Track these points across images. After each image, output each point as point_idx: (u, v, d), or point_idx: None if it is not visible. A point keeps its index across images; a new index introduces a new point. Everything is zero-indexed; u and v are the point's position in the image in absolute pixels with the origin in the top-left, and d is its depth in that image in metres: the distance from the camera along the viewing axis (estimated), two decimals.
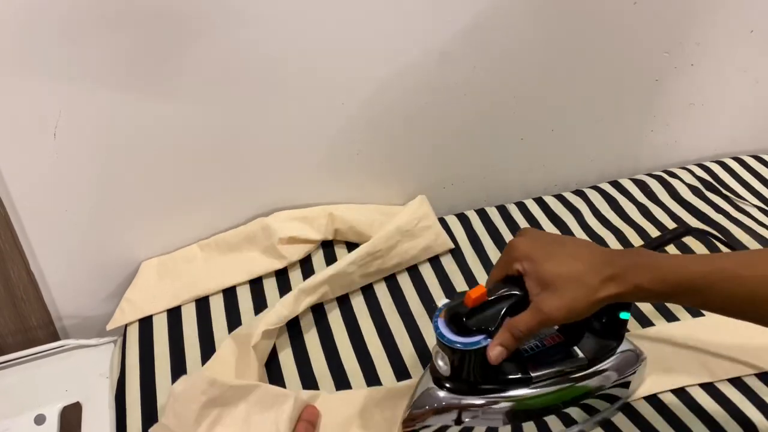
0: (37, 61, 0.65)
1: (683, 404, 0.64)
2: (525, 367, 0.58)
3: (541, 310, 0.52)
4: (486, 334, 0.54)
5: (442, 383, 0.58)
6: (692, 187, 0.94)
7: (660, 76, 0.91)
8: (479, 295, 0.54)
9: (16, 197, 0.72)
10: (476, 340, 0.54)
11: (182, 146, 0.76)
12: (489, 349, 0.54)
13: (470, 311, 0.54)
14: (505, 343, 0.54)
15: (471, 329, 0.54)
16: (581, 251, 0.54)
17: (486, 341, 0.54)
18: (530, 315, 0.53)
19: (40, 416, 0.68)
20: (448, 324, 0.55)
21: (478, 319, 0.54)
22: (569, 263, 0.53)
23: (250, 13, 0.69)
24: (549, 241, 0.56)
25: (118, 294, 0.81)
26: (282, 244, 0.80)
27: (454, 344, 0.54)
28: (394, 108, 0.82)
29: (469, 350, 0.54)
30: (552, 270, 0.52)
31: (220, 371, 0.67)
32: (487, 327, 0.54)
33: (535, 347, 0.60)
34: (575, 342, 0.60)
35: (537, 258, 0.54)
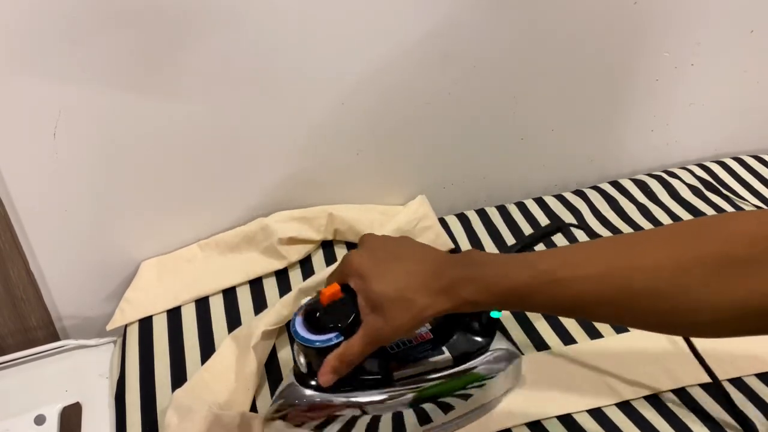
0: (37, 61, 0.65)
1: (683, 404, 0.64)
2: (388, 365, 0.58)
3: (369, 334, 0.52)
4: (339, 332, 0.53)
5: (304, 380, 0.57)
6: (692, 187, 0.94)
7: (660, 76, 0.91)
8: (333, 292, 0.54)
9: (16, 197, 0.72)
10: (328, 337, 0.53)
11: (182, 146, 0.76)
12: (319, 375, 0.54)
13: (324, 309, 0.54)
14: (337, 370, 0.53)
15: (325, 327, 0.54)
16: (411, 265, 0.53)
17: (338, 339, 0.53)
18: (359, 340, 0.52)
19: (40, 416, 0.68)
20: (305, 321, 0.55)
21: (331, 316, 0.54)
22: (397, 280, 0.51)
23: (249, 13, 0.69)
24: (382, 256, 0.54)
25: (118, 294, 0.81)
26: (282, 244, 0.80)
27: (307, 342, 0.54)
28: (394, 108, 0.82)
29: (322, 348, 0.53)
30: (379, 290, 0.51)
31: (219, 371, 0.67)
32: (340, 325, 0.53)
33: (402, 345, 0.59)
34: (444, 340, 0.59)
35: (367, 275, 0.52)
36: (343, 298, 0.54)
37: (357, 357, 0.53)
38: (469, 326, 0.60)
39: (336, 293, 0.54)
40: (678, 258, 0.44)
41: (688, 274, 0.43)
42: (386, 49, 0.76)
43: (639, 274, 0.45)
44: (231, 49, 0.71)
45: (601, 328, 0.72)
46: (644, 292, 0.45)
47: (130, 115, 0.71)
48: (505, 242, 0.86)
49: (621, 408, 0.64)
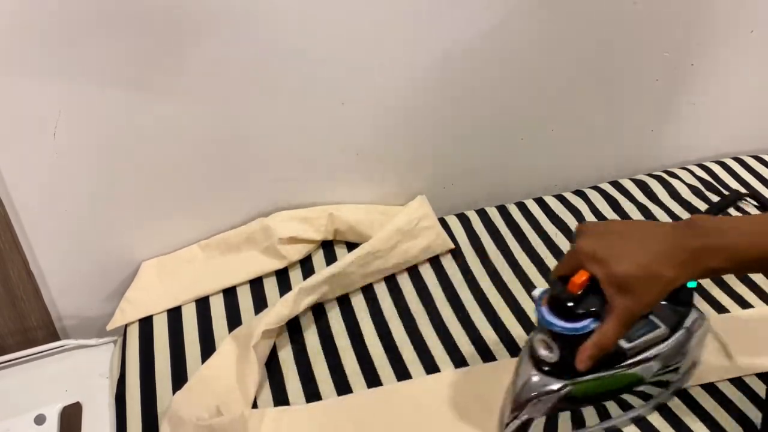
0: (37, 61, 0.65)
1: (683, 404, 0.64)
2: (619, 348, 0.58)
3: (621, 316, 0.53)
4: (594, 317, 0.54)
5: (547, 370, 0.58)
6: (692, 187, 0.94)
7: (660, 76, 0.91)
8: (584, 280, 0.54)
9: (16, 197, 0.72)
10: (586, 323, 0.54)
11: (182, 146, 0.76)
12: (578, 362, 0.55)
13: (573, 297, 0.55)
14: (594, 355, 0.55)
15: (577, 314, 0.54)
16: (647, 241, 0.53)
17: (595, 323, 0.54)
18: (614, 323, 0.53)
19: (40, 416, 0.68)
20: (552, 309, 0.56)
21: (585, 303, 0.54)
22: (639, 258, 0.52)
23: (249, 14, 0.69)
24: (613, 238, 0.55)
25: (118, 294, 0.81)
26: (282, 244, 0.80)
27: (565, 330, 0.55)
28: (394, 108, 0.82)
29: (578, 335, 0.54)
30: (624, 271, 0.52)
31: (220, 371, 0.67)
32: (595, 310, 0.54)
33: None
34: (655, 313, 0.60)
35: (605, 259, 0.53)
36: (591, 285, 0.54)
37: (613, 341, 0.54)
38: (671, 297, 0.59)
39: (586, 280, 0.54)
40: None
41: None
42: (386, 50, 0.76)
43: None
44: (231, 50, 0.71)
45: None
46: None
47: (130, 115, 0.71)
48: (506, 242, 0.86)
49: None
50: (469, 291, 0.78)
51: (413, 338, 0.73)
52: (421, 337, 0.73)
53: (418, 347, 0.72)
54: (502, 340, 0.72)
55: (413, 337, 0.73)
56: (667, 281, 0.51)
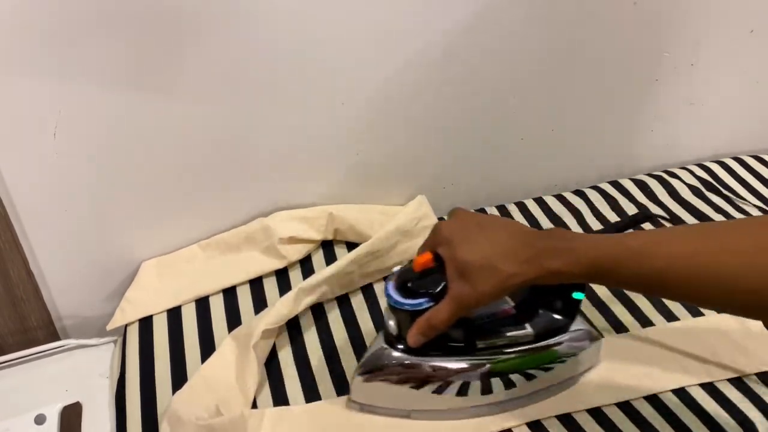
0: (37, 61, 0.65)
1: (683, 404, 0.64)
2: (472, 335, 0.61)
3: (454, 300, 0.55)
4: (430, 298, 0.56)
5: (393, 344, 0.60)
6: (692, 187, 0.94)
7: (660, 76, 0.91)
8: (426, 260, 0.57)
9: (16, 197, 0.72)
10: (419, 302, 0.56)
11: (182, 146, 0.76)
12: (408, 336, 0.58)
13: (417, 275, 0.57)
14: (424, 331, 0.57)
15: (417, 292, 0.57)
16: (499, 235, 0.55)
17: (429, 303, 0.56)
18: (446, 305, 0.55)
19: (40, 416, 0.68)
20: (398, 287, 0.58)
21: (423, 282, 0.57)
22: (484, 249, 0.54)
23: (249, 14, 0.69)
24: (471, 225, 0.57)
25: (118, 294, 0.81)
26: (282, 244, 0.80)
27: (400, 305, 0.57)
28: (394, 108, 0.82)
29: (413, 311, 0.57)
30: (466, 257, 0.54)
31: (219, 371, 0.67)
32: (431, 290, 0.56)
33: (486, 317, 0.62)
34: (527, 316, 0.62)
35: (455, 243, 0.55)
36: (434, 266, 0.57)
37: (444, 321, 0.55)
38: (552, 305, 0.62)
39: (428, 261, 0.57)
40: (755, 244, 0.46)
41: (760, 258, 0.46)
42: (386, 49, 0.76)
43: (726, 256, 0.47)
44: (231, 50, 0.71)
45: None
46: (730, 273, 0.47)
47: (130, 115, 0.71)
48: None
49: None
50: None
51: None
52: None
53: None
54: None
55: None
56: (506, 276, 0.52)
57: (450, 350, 0.61)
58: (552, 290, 0.61)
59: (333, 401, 0.66)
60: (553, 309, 0.62)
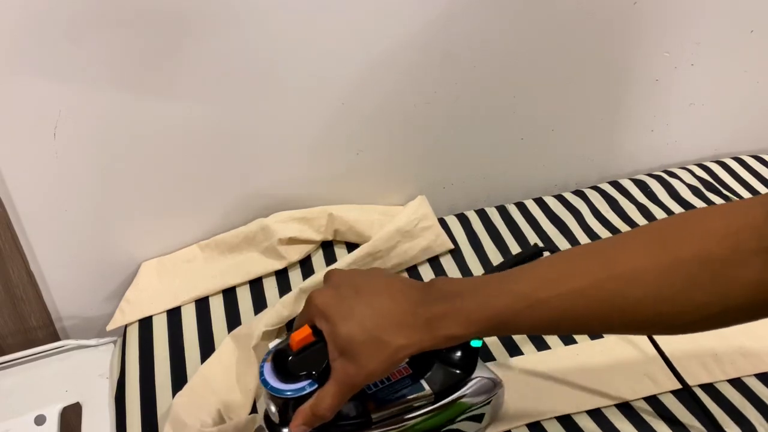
0: (37, 61, 0.65)
1: (682, 405, 0.64)
2: (366, 406, 0.54)
3: (340, 382, 0.48)
4: (312, 380, 0.49)
5: (275, 430, 0.53)
6: (692, 187, 0.94)
7: (660, 76, 0.91)
8: (304, 336, 0.50)
9: (16, 197, 0.72)
10: (301, 386, 0.49)
11: (182, 146, 0.76)
12: (291, 428, 0.50)
13: (295, 354, 0.50)
14: (310, 422, 0.50)
15: (297, 374, 0.50)
16: (380, 301, 0.49)
17: (312, 387, 0.49)
18: (331, 390, 0.49)
19: (40, 417, 0.68)
20: (274, 368, 0.51)
21: (303, 362, 0.50)
22: (365, 321, 0.48)
23: (249, 14, 0.69)
24: (347, 292, 0.50)
25: (118, 294, 0.81)
26: (282, 245, 0.80)
27: (278, 393, 0.50)
28: (394, 108, 0.82)
29: (294, 398, 0.50)
30: (348, 333, 0.47)
31: (219, 371, 0.67)
32: (313, 371, 0.49)
33: (379, 383, 0.56)
34: (423, 373, 0.57)
35: (333, 317, 0.48)
36: (314, 342, 0.50)
37: (330, 409, 0.49)
38: (448, 358, 0.58)
39: (307, 337, 0.50)
40: (658, 263, 0.44)
41: (671, 278, 0.43)
42: (386, 49, 0.76)
43: (620, 284, 0.45)
44: (231, 50, 0.71)
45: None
46: (628, 301, 0.44)
47: (130, 115, 0.71)
48: (505, 242, 0.86)
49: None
50: None
51: None
52: None
53: None
54: (501, 340, 0.72)
55: None
56: (394, 348, 0.47)
57: (344, 429, 0.54)
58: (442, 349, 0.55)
59: None
60: (450, 361, 0.57)
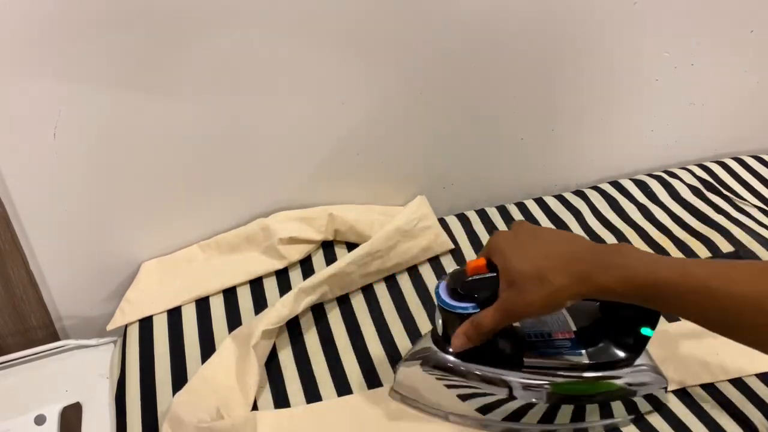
0: (37, 61, 0.65)
1: (683, 404, 0.64)
2: (521, 350, 0.59)
3: (502, 307, 0.54)
4: (476, 303, 0.55)
5: (440, 343, 0.60)
6: (692, 187, 0.94)
7: (660, 76, 0.91)
8: (478, 265, 0.56)
9: (16, 197, 0.72)
10: (465, 305, 0.56)
11: (182, 147, 0.76)
12: (453, 337, 0.57)
13: (467, 279, 0.56)
14: (469, 335, 0.56)
15: (466, 296, 0.56)
16: (555, 247, 0.54)
17: (475, 309, 0.55)
18: (493, 311, 0.54)
19: (40, 417, 0.68)
20: (449, 288, 0.57)
21: (472, 286, 0.56)
22: (537, 260, 0.52)
23: (249, 14, 0.69)
24: (527, 236, 0.56)
25: (118, 294, 0.81)
26: (282, 245, 0.80)
27: (446, 305, 0.56)
28: (393, 108, 0.82)
29: (458, 314, 0.56)
30: (518, 267, 0.53)
31: (220, 371, 0.67)
32: (478, 295, 0.55)
33: (539, 335, 0.60)
34: (586, 343, 0.60)
35: (508, 254, 0.54)
36: (488, 273, 0.56)
37: (489, 327, 0.54)
38: (617, 339, 0.60)
39: (481, 267, 0.56)
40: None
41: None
42: (386, 49, 0.76)
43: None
44: (230, 49, 0.70)
45: None
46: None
47: (130, 115, 0.71)
48: None
49: None
50: None
51: (413, 338, 0.73)
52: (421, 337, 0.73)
53: None
54: None
55: (413, 337, 0.73)
56: (554, 288, 0.51)
57: (497, 361, 0.59)
58: (620, 320, 0.58)
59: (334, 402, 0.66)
60: (616, 341, 0.59)
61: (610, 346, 0.59)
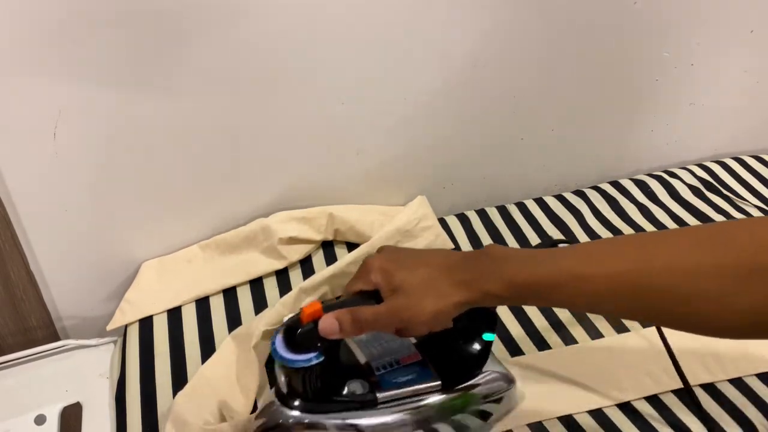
0: (37, 61, 0.65)
1: (683, 404, 0.64)
2: (373, 386, 0.56)
3: (389, 307, 0.52)
4: (319, 352, 0.52)
5: (285, 400, 0.55)
6: (692, 187, 0.94)
7: (660, 76, 0.91)
8: (314, 310, 0.52)
9: (16, 197, 0.72)
10: (307, 357, 0.52)
11: (182, 147, 0.76)
12: (322, 319, 0.52)
13: (306, 328, 0.52)
14: (342, 320, 0.52)
15: (306, 346, 0.52)
16: (434, 259, 0.54)
17: (318, 359, 0.52)
18: (379, 308, 0.52)
19: (40, 416, 0.68)
20: (285, 340, 0.53)
21: (312, 335, 0.52)
22: (421, 271, 0.52)
23: (250, 13, 0.69)
24: (404, 255, 0.56)
25: (118, 294, 0.81)
26: (282, 245, 0.80)
27: (287, 362, 0.52)
28: (393, 108, 0.82)
29: (302, 368, 0.52)
30: (404, 278, 0.52)
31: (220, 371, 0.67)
32: (320, 344, 0.52)
33: (388, 365, 0.58)
34: (434, 362, 0.58)
35: (390, 269, 0.53)
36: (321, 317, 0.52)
37: (367, 319, 0.51)
38: (460, 349, 0.58)
39: (317, 312, 0.52)
40: (698, 263, 0.45)
41: (708, 280, 0.44)
42: (386, 49, 0.76)
43: (659, 275, 0.46)
44: (231, 49, 0.70)
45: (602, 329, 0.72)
46: (663, 293, 0.46)
47: (130, 115, 0.71)
48: (506, 242, 0.86)
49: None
50: None
51: None
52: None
53: None
54: (502, 340, 0.72)
55: None
56: (442, 294, 0.51)
57: (350, 406, 0.56)
58: (459, 332, 0.55)
59: None
60: (461, 352, 0.58)
61: (456, 359, 0.58)
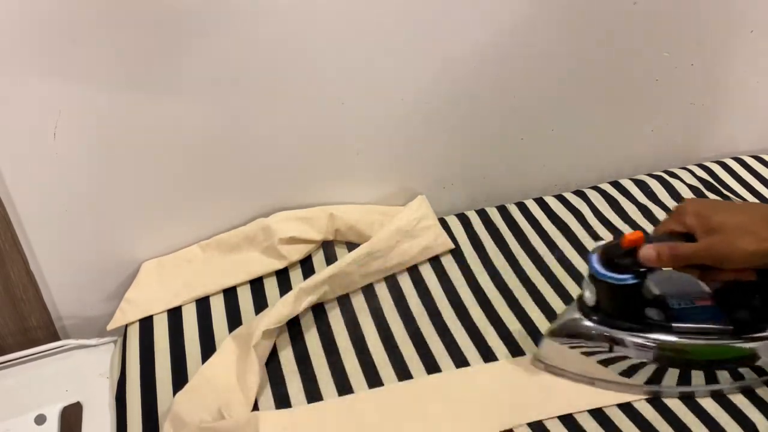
0: (37, 61, 0.65)
1: (684, 405, 0.64)
2: (669, 316, 0.61)
3: (708, 243, 0.55)
4: (635, 275, 0.58)
5: (588, 314, 0.62)
6: (692, 187, 0.94)
7: (660, 76, 0.91)
8: (636, 238, 0.57)
9: (16, 197, 0.72)
10: (625, 277, 0.58)
11: (182, 146, 0.76)
12: (644, 248, 0.57)
13: (624, 252, 0.58)
14: (661, 252, 0.56)
15: (621, 267, 0.58)
16: (751, 208, 0.58)
17: (634, 280, 0.58)
18: (697, 244, 0.56)
19: (40, 416, 0.68)
20: (600, 259, 0.59)
21: (629, 259, 0.58)
22: (739, 217, 0.55)
23: (250, 13, 0.69)
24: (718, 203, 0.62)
25: (118, 294, 0.81)
26: (282, 244, 0.80)
27: (606, 278, 0.58)
28: (393, 108, 0.82)
29: (617, 285, 0.58)
30: (722, 220, 0.55)
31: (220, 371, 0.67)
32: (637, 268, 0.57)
33: (683, 303, 0.63)
34: (728, 311, 0.62)
35: (706, 213, 0.56)
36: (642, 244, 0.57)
37: (686, 253, 0.56)
38: (756, 301, 0.61)
39: (639, 239, 0.57)
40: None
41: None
42: (386, 49, 0.76)
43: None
44: (231, 49, 0.71)
45: None
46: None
47: (130, 115, 0.71)
48: (506, 242, 0.86)
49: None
50: (470, 291, 0.78)
51: (414, 338, 0.73)
52: (422, 337, 0.73)
53: (418, 347, 0.71)
54: (504, 340, 0.72)
55: (414, 337, 0.73)
56: (758, 237, 0.53)
57: (644, 328, 0.61)
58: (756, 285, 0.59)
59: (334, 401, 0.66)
60: (756, 305, 0.61)
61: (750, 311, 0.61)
